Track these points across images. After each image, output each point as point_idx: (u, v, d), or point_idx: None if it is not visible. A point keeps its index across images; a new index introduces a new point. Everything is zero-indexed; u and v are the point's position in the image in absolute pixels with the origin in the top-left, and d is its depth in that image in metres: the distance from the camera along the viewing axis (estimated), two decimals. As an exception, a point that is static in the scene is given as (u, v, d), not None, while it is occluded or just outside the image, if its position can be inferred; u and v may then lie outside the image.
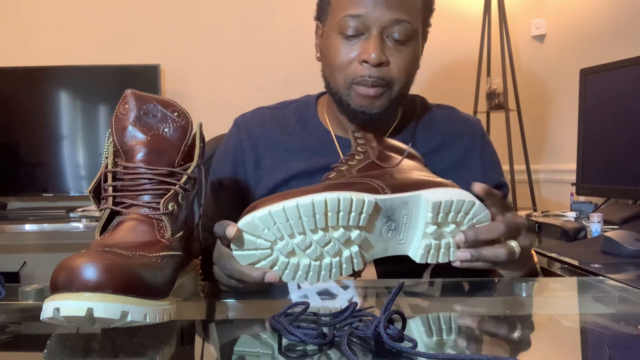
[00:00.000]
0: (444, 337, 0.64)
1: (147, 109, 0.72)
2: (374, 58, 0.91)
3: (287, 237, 0.70)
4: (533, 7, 2.63)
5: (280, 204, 0.68)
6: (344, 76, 0.95)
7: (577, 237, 1.49)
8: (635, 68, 1.69)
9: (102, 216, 0.67)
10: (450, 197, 0.75)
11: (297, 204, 0.68)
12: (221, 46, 2.57)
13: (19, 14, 2.53)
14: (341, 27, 0.94)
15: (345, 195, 0.70)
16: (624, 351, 0.59)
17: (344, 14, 0.93)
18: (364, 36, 0.93)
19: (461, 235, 0.76)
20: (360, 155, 0.85)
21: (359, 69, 0.93)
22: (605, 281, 0.92)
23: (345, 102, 0.97)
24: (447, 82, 2.59)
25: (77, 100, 2.45)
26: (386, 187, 0.76)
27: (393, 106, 0.97)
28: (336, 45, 0.95)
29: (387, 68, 0.93)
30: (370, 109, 0.96)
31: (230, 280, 0.76)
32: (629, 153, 1.70)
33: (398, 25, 0.92)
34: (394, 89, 0.95)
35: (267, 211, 0.68)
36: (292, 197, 0.69)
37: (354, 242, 0.73)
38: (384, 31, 0.93)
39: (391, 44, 0.93)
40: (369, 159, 0.84)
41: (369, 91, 0.94)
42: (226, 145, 1.10)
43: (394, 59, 0.94)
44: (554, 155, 2.58)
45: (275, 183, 1.02)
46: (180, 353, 0.61)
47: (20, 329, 0.70)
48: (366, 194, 0.72)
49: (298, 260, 0.71)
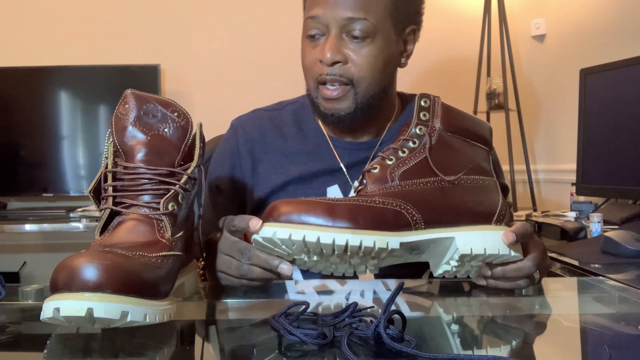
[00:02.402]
0: (444, 337, 0.64)
1: (147, 109, 0.71)
2: (328, 57, 0.93)
3: (305, 256, 0.71)
4: (533, 7, 2.63)
5: (301, 231, 0.66)
6: (311, 76, 0.98)
7: (577, 237, 1.50)
8: (635, 68, 1.69)
9: (102, 216, 0.67)
10: (482, 249, 0.71)
11: (318, 238, 0.66)
12: (221, 46, 2.57)
13: (19, 14, 2.53)
14: (305, 29, 0.97)
15: (368, 242, 0.67)
16: (624, 351, 0.59)
17: (307, 16, 0.96)
18: (324, 36, 0.95)
19: (487, 271, 0.75)
20: (415, 142, 0.76)
21: (319, 68, 0.95)
22: (605, 281, 0.92)
23: (316, 104, 0.99)
24: (447, 82, 2.59)
25: (77, 100, 2.45)
26: (420, 220, 0.71)
27: (362, 106, 0.96)
28: (303, 47, 0.98)
29: (346, 66, 0.94)
30: (337, 111, 0.96)
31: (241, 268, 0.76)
32: (629, 153, 1.70)
33: (354, 23, 0.92)
34: (359, 87, 0.95)
35: (287, 234, 0.67)
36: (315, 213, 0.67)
37: (371, 265, 0.73)
38: (342, 30, 0.93)
39: (350, 42, 0.94)
40: (423, 152, 0.75)
41: (332, 93, 0.94)
42: (223, 149, 1.10)
43: (353, 56, 0.94)
44: (554, 155, 2.58)
45: (273, 188, 1.02)
46: (180, 353, 0.61)
47: (20, 329, 0.70)
48: (392, 237, 0.68)
49: (314, 264, 0.73)
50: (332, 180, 1.01)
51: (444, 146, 0.77)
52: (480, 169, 0.79)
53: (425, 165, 0.75)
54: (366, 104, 0.96)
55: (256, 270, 0.76)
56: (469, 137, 0.81)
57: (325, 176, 1.01)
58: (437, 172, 0.74)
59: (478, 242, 0.72)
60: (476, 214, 0.74)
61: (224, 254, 0.79)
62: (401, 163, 0.74)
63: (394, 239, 0.68)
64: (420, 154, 0.75)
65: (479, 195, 0.76)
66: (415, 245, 0.72)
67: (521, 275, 0.76)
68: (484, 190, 0.77)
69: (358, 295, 0.81)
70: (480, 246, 0.71)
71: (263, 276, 0.76)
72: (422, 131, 0.77)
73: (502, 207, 0.77)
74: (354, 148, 1.03)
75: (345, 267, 0.73)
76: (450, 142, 0.78)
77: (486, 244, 0.72)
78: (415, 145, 0.76)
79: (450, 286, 0.86)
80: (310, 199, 0.70)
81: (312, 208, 0.68)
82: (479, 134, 0.82)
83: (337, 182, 1.01)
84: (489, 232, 0.73)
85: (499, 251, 0.72)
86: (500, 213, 0.76)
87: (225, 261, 0.78)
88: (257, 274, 0.76)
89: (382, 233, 0.68)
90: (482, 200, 0.76)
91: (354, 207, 0.69)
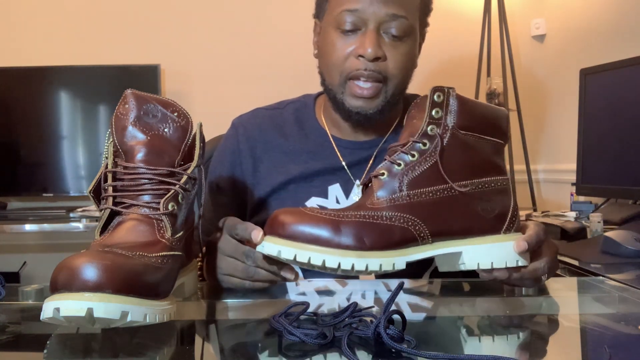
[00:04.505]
0: (444, 337, 0.64)
1: (147, 109, 0.71)
2: (370, 52, 0.91)
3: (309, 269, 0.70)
4: (533, 7, 2.63)
5: (306, 253, 0.65)
6: (339, 71, 0.95)
7: (577, 237, 1.49)
8: (635, 68, 1.69)
9: (102, 216, 0.67)
10: (489, 263, 0.71)
11: (323, 261, 0.65)
12: (221, 46, 2.57)
13: (19, 14, 2.53)
14: (338, 22, 0.94)
15: (374, 266, 0.66)
16: (624, 351, 0.59)
17: (341, 9, 0.94)
18: (360, 31, 0.93)
19: (505, 274, 0.73)
20: (425, 144, 0.72)
21: (355, 63, 0.93)
22: (605, 281, 0.92)
23: (339, 101, 0.97)
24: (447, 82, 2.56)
25: (77, 100, 2.45)
26: (428, 235, 0.69)
27: (389, 105, 0.97)
28: (333, 40, 0.96)
29: (384, 63, 0.93)
30: (365, 109, 0.95)
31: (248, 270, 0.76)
32: (629, 153, 1.70)
33: (395, 21, 0.92)
34: (390, 85, 0.95)
35: (292, 255, 0.66)
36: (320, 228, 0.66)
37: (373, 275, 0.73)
38: (381, 26, 0.93)
39: (388, 39, 0.94)
40: (434, 156, 0.71)
41: (364, 91, 0.93)
42: (224, 148, 1.09)
43: (390, 54, 0.93)
44: (554, 155, 2.58)
45: (274, 187, 1.02)
46: (180, 353, 0.61)
47: (20, 329, 0.70)
48: (398, 258, 0.67)
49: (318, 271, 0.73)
50: (333, 178, 1.01)
51: (457, 147, 0.73)
52: (493, 168, 0.76)
53: (436, 171, 0.71)
54: (391, 103, 0.97)
55: (262, 272, 0.76)
56: (485, 132, 0.76)
57: (327, 175, 1.01)
58: (447, 179, 0.71)
59: (485, 257, 0.71)
60: (486, 223, 0.73)
61: (227, 256, 0.78)
62: (410, 169, 0.71)
63: (400, 259, 0.67)
64: (431, 158, 0.71)
65: (490, 203, 0.73)
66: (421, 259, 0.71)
67: (537, 276, 0.76)
68: (495, 194, 0.74)
69: (359, 295, 0.81)
70: (488, 261, 0.71)
71: (269, 278, 0.76)
72: (433, 131, 0.72)
73: (513, 211, 0.75)
74: (356, 147, 1.03)
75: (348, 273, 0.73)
76: (463, 142, 0.74)
77: (493, 258, 0.71)
78: (426, 148, 0.72)
79: (451, 286, 0.86)
80: (314, 211, 0.68)
81: (317, 223, 0.66)
82: (496, 125, 0.77)
83: (339, 180, 1.01)
84: (497, 246, 0.72)
85: (505, 264, 0.72)
86: (510, 220, 0.74)
87: (230, 263, 0.78)
88: (263, 275, 0.76)
89: (388, 253, 0.67)
90: (493, 208, 0.73)
91: (360, 225, 0.67)
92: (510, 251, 0.72)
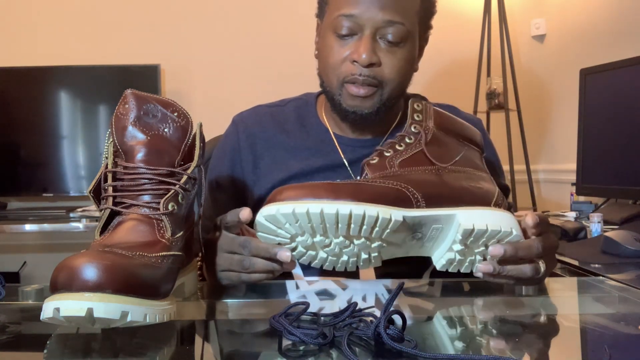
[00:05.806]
0: (444, 337, 0.64)
1: (147, 109, 0.72)
2: (364, 59, 0.92)
3: (308, 235, 0.70)
4: (533, 7, 2.64)
5: (305, 205, 0.67)
6: (336, 75, 0.96)
7: (577, 237, 1.49)
8: (635, 68, 1.69)
9: (102, 216, 0.67)
10: (485, 225, 0.72)
11: (321, 209, 0.66)
12: (221, 46, 2.57)
13: (19, 14, 2.53)
14: (335, 26, 0.95)
15: (372, 212, 0.67)
16: (624, 351, 0.59)
17: (338, 13, 0.94)
18: (356, 36, 0.94)
19: (500, 249, 0.73)
20: (411, 138, 0.79)
21: (350, 68, 0.94)
22: (605, 281, 0.92)
23: (337, 101, 0.98)
24: (447, 82, 2.59)
25: (77, 100, 2.45)
26: (421, 199, 0.72)
27: (385, 107, 0.97)
28: (330, 44, 0.96)
29: (379, 68, 0.94)
30: (360, 109, 0.96)
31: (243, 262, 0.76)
32: (629, 153, 1.70)
33: (391, 27, 0.92)
34: (385, 89, 0.95)
35: (290, 209, 0.67)
36: (319, 194, 0.68)
37: (374, 250, 0.73)
38: (377, 32, 0.93)
39: (384, 45, 0.94)
40: (419, 146, 0.78)
41: (360, 91, 0.94)
42: (224, 144, 1.10)
43: (386, 60, 0.94)
44: (554, 155, 2.58)
45: (274, 183, 1.01)
46: (180, 353, 0.61)
47: (20, 329, 0.70)
48: (395, 210, 0.69)
49: (316, 253, 0.73)
50: (334, 175, 1.01)
51: (439, 142, 0.80)
52: (475, 164, 0.82)
53: (422, 155, 0.78)
54: (388, 105, 0.98)
55: (258, 262, 0.75)
56: (461, 139, 0.83)
57: (328, 171, 1.01)
58: (433, 161, 0.77)
59: (480, 218, 0.73)
60: (475, 196, 0.76)
61: (225, 252, 0.78)
62: (399, 154, 0.77)
63: (397, 211, 0.69)
64: (417, 147, 0.79)
65: (476, 182, 0.78)
66: (418, 222, 0.72)
67: (532, 254, 0.74)
68: (480, 179, 0.80)
69: (359, 297, 0.81)
70: (482, 222, 0.72)
71: (266, 268, 0.75)
72: (417, 129, 0.80)
73: (499, 196, 0.79)
74: (357, 144, 1.03)
75: (348, 254, 0.72)
76: (444, 139, 0.81)
77: (488, 220, 0.73)
78: (412, 141, 0.79)
79: (451, 286, 0.86)
80: (312, 183, 0.70)
81: (316, 189, 0.68)
82: (471, 137, 0.85)
83: (340, 177, 1.01)
84: (489, 211, 0.75)
85: (501, 228, 0.72)
86: (497, 200, 0.78)
87: (227, 258, 0.78)
88: (260, 265, 0.75)
89: (385, 206, 0.69)
90: (480, 186, 0.78)
91: (356, 186, 0.70)
92: (504, 218, 0.74)
